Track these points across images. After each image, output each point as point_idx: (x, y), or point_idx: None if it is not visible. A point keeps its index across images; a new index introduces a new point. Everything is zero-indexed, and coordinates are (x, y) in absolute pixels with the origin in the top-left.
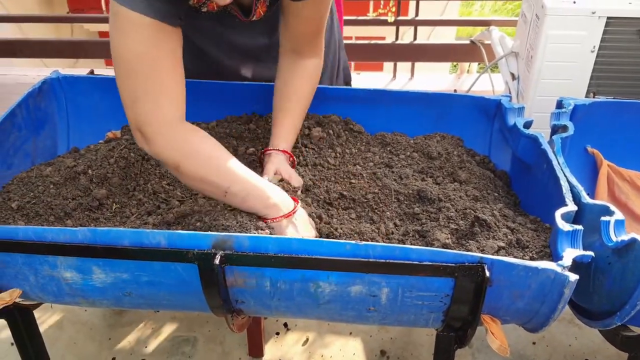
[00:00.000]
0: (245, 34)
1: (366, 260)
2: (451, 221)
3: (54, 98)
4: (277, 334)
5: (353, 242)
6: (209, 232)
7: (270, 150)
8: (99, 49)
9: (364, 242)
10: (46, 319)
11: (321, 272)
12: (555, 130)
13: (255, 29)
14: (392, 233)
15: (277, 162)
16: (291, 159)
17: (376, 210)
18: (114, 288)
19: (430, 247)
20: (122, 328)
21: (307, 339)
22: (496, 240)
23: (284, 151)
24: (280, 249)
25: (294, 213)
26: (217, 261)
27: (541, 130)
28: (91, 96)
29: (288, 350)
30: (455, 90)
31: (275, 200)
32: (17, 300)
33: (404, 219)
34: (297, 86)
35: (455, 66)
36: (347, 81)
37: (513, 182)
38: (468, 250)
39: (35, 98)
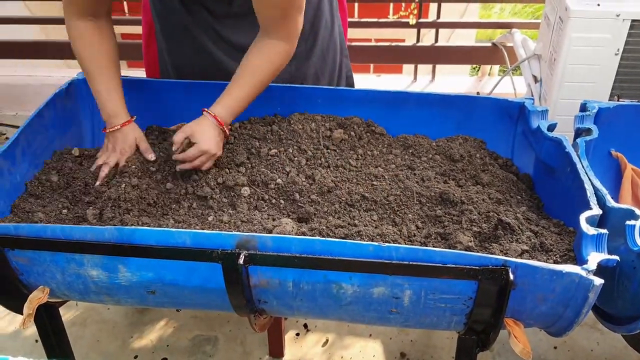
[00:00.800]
0: (241, 33)
1: (389, 262)
2: (474, 224)
3: (79, 99)
4: (297, 334)
5: (376, 243)
6: (233, 232)
7: (205, 111)
8: (122, 50)
9: (386, 244)
10: (70, 317)
11: (344, 273)
12: (578, 133)
13: (253, 28)
14: (414, 235)
15: (200, 124)
16: (221, 126)
17: (398, 212)
18: (139, 286)
19: (453, 249)
20: (144, 327)
21: (327, 340)
22: (519, 243)
23: (214, 116)
24: (303, 249)
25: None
26: (241, 261)
27: (564, 133)
28: None
29: (308, 351)
30: (477, 93)
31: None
32: None
33: (426, 221)
34: (255, 62)
35: (475, 69)
36: (350, 83)
37: (536, 185)
38: (491, 254)
39: (62, 99)
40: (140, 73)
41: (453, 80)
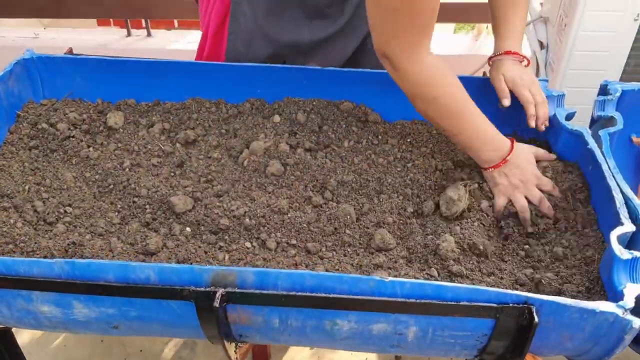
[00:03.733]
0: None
1: (393, 300)
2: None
3: (28, 81)
4: None
5: (377, 277)
6: (206, 266)
7: (494, 57)
8: (85, 6)
9: (390, 279)
10: None
11: (340, 311)
12: (595, 120)
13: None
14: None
15: (503, 68)
16: (522, 59)
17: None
18: (99, 321)
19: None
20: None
21: None
22: (535, 261)
23: (508, 52)
24: (291, 285)
25: (503, 163)
26: (217, 303)
27: (572, 106)
28: (71, 79)
29: (295, 355)
30: (484, 74)
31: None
32: None
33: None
34: None
35: (460, 26)
36: None
37: None
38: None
39: (6, 83)
40: None
41: (447, 40)
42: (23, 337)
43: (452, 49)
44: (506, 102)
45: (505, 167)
